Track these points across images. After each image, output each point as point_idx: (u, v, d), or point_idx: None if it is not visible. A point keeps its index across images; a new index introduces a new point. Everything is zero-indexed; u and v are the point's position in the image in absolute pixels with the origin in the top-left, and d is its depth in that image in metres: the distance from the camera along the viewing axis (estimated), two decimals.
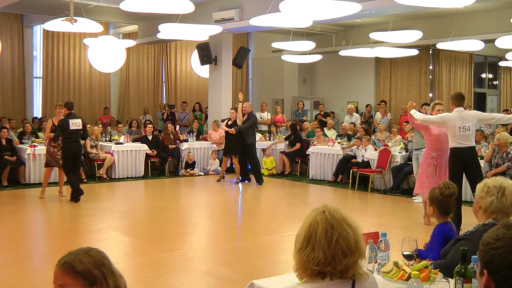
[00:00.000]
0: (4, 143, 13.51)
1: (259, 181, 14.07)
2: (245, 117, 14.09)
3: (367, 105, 18.94)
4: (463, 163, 8.81)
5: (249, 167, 14.41)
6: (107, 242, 8.42)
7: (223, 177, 14.61)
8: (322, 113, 18.84)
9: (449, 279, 3.04)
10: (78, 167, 11.70)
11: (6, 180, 13.41)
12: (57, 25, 12.26)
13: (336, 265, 2.46)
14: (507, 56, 16.30)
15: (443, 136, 9.22)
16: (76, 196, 11.20)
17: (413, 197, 11.82)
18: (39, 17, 16.87)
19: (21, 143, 13.89)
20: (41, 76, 18.53)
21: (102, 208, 11.32)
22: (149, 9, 10.38)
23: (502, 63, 19.07)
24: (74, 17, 11.07)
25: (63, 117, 11.40)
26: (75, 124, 11.24)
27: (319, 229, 2.48)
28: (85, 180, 14.18)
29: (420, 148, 10.94)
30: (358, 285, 2.51)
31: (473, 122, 8.88)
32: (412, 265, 3.39)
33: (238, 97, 14.64)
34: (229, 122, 14.09)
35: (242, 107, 14.21)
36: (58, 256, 2.47)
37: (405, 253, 3.66)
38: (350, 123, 16.91)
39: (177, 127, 16.88)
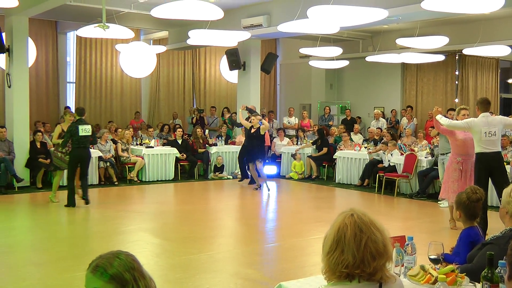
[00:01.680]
0: (38, 146, 13.71)
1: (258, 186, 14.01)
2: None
3: (392, 110, 18.84)
4: (489, 168, 8.75)
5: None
6: (137, 243, 8.50)
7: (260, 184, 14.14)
8: (348, 118, 18.77)
9: (476, 283, 3.02)
10: (86, 172, 11.63)
11: (40, 182, 13.61)
12: (90, 31, 12.37)
13: (365, 267, 2.46)
14: None
15: (468, 141, 9.15)
16: (71, 200, 11.14)
17: (439, 202, 11.73)
18: (72, 24, 17.08)
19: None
20: (74, 81, 18.72)
21: (133, 210, 11.41)
22: (179, 16, 10.42)
23: None
24: (106, 24, 11.17)
25: (73, 123, 11.44)
26: (85, 130, 11.21)
27: (348, 232, 2.48)
28: (116, 183, 14.33)
29: (446, 153, 10.86)
30: (385, 287, 2.51)
31: (499, 128, 8.80)
32: (438, 269, 3.38)
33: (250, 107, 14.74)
34: (252, 130, 13.90)
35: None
36: (90, 257, 2.50)
37: (432, 257, 3.65)
38: (377, 128, 16.84)
39: (206, 131, 16.96)
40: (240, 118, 14.51)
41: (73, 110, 17.64)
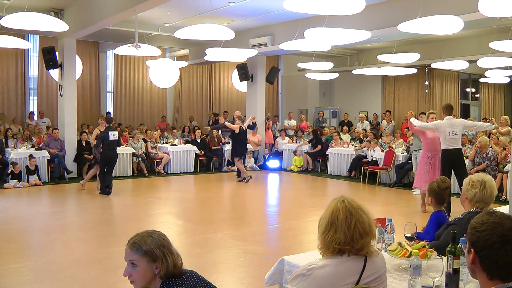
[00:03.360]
0: (84, 145, 13.77)
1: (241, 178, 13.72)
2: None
3: (373, 114, 18.85)
4: (452, 162, 8.89)
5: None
6: (164, 224, 8.55)
7: (250, 176, 13.87)
8: (346, 121, 18.73)
9: (442, 256, 3.05)
10: (112, 169, 11.72)
11: (85, 174, 13.65)
12: (125, 50, 12.42)
13: (354, 244, 2.48)
14: (487, 73, 16.39)
15: (436, 139, 9.21)
16: (104, 190, 11.23)
17: (412, 190, 11.75)
18: (111, 44, 17.13)
19: None
20: (112, 90, 18.79)
21: (160, 197, 11.46)
22: (198, 37, 10.46)
23: (482, 80, 18.91)
24: (138, 44, 11.21)
25: (103, 130, 11.48)
26: (114, 135, 11.28)
27: (341, 215, 2.50)
28: (146, 175, 14.39)
29: (418, 150, 10.96)
30: (369, 260, 2.53)
31: (460, 128, 8.98)
32: (412, 245, 3.41)
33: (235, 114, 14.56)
34: (236, 131, 13.62)
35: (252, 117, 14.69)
36: (126, 235, 2.55)
37: (407, 235, 3.67)
38: (362, 129, 16.84)
39: (219, 131, 16.94)
40: (226, 124, 14.16)
41: (112, 114, 17.80)
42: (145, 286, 2.51)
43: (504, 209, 4.91)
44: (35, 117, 16.33)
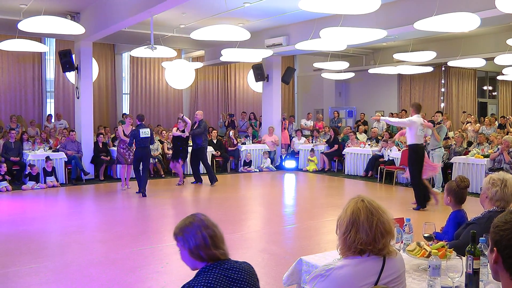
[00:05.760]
0: (100, 146, 13.88)
1: (213, 180, 12.94)
2: (196, 125, 13.04)
3: (390, 113, 18.71)
4: (422, 156, 9.60)
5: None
6: None
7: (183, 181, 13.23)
8: (362, 121, 18.65)
9: (462, 257, 3.02)
10: (147, 167, 11.85)
11: (102, 175, 13.79)
12: (140, 52, 12.50)
13: (376, 244, 2.46)
14: (504, 71, 16.20)
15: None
16: (141, 189, 11.34)
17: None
18: (126, 46, 17.24)
19: (114, 146, 14.21)
20: (128, 92, 18.90)
21: (176, 198, 11.50)
22: (213, 37, 10.49)
23: (500, 77, 18.74)
24: (154, 45, 11.27)
25: (135, 127, 11.58)
26: (144, 132, 11.38)
27: (362, 215, 2.49)
28: (163, 176, 14.45)
29: (435, 149, 10.98)
30: (388, 260, 2.52)
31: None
32: (431, 245, 3.38)
33: (178, 115, 13.92)
34: (178, 131, 12.91)
35: (195, 114, 13.34)
36: (143, 236, 2.60)
37: (426, 235, 3.64)
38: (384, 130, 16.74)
39: (231, 132, 16.87)
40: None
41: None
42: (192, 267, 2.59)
43: None
44: (53, 120, 16.49)
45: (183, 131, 12.87)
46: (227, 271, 2.49)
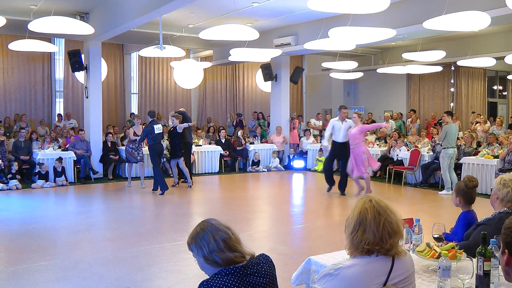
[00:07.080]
0: (109, 145, 13.92)
1: (163, 189, 11.57)
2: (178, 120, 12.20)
3: (399, 113, 18.64)
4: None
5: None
6: (189, 225, 8.55)
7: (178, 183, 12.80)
8: (370, 121, 18.57)
9: (472, 258, 2.99)
10: (160, 163, 11.94)
11: (111, 174, 13.83)
12: (149, 51, 12.53)
13: (383, 244, 2.45)
14: None
15: (353, 135, 11.05)
16: (157, 188, 11.44)
17: (439, 193, 11.63)
18: (135, 46, 17.30)
19: (122, 145, 14.28)
20: (137, 92, 18.96)
21: (185, 197, 11.51)
22: (222, 37, 10.50)
23: (510, 77, 18.62)
24: (163, 45, 11.29)
25: (148, 124, 11.64)
26: (158, 128, 11.51)
27: (369, 215, 2.47)
28: (171, 175, 14.43)
29: (447, 148, 11.00)
30: (397, 260, 2.50)
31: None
32: (441, 246, 3.36)
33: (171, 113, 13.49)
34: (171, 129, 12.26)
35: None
36: (153, 235, 2.61)
37: (435, 236, 3.62)
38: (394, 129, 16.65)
39: (239, 132, 16.88)
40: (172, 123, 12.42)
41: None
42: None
43: None
44: (63, 119, 16.56)
45: (172, 132, 12.22)
46: (247, 277, 2.47)
